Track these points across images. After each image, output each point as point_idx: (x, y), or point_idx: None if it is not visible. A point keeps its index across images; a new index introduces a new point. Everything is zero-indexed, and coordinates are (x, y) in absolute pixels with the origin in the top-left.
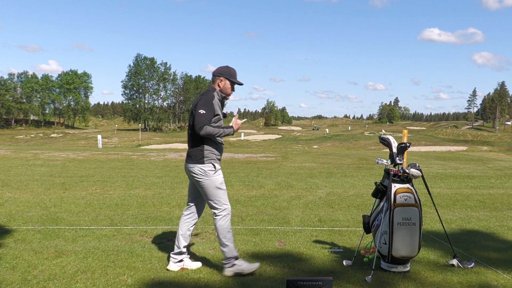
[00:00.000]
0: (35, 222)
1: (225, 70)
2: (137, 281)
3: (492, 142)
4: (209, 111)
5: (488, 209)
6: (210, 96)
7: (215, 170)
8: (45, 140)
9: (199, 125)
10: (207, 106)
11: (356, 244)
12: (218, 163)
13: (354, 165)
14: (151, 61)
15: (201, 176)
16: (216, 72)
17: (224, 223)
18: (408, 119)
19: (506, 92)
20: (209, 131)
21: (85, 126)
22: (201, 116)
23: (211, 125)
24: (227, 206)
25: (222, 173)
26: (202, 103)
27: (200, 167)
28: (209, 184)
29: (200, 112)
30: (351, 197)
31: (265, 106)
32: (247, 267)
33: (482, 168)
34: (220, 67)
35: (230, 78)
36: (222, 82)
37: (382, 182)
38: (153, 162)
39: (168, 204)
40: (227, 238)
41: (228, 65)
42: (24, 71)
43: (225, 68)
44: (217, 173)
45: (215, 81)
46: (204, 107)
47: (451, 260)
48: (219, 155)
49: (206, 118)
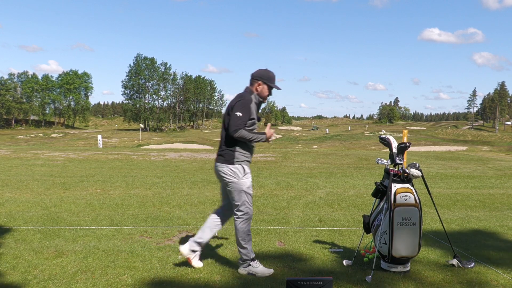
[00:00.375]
0: (35, 222)
1: (264, 74)
2: (137, 281)
3: (492, 142)
4: (246, 114)
5: (488, 209)
6: (248, 100)
7: (244, 172)
8: (45, 140)
9: (234, 127)
10: (244, 109)
11: (356, 244)
12: (248, 166)
13: (354, 165)
14: (151, 61)
15: (230, 177)
16: (255, 75)
17: (245, 226)
18: (408, 119)
19: (506, 92)
20: (243, 134)
21: (85, 126)
22: (238, 118)
23: (246, 129)
24: (250, 210)
25: (251, 177)
26: (240, 105)
27: (230, 168)
28: (237, 186)
29: (236, 114)
30: (351, 197)
31: (265, 106)
32: (261, 270)
33: (482, 168)
34: (260, 70)
35: (269, 82)
36: (260, 86)
37: (382, 182)
38: (153, 162)
39: (168, 204)
40: (245, 240)
41: (267, 69)
42: (24, 71)
43: (264, 71)
44: (246, 176)
45: (253, 84)
46: (242, 110)
47: (451, 260)
48: (250, 158)
49: (242, 121)
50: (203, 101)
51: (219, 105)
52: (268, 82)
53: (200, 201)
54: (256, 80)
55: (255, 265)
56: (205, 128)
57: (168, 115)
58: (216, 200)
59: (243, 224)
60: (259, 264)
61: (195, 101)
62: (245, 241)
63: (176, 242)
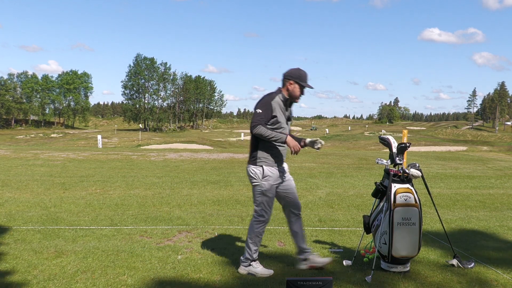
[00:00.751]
0: (35, 222)
1: (295, 73)
2: (137, 281)
3: (492, 142)
4: (266, 110)
5: (488, 209)
6: (270, 97)
7: (262, 174)
8: (45, 140)
9: (252, 123)
10: (264, 106)
11: (356, 244)
12: (271, 168)
13: (354, 165)
14: (151, 61)
15: (251, 178)
16: (286, 74)
17: (257, 228)
18: (408, 119)
19: (506, 92)
20: (261, 131)
21: (85, 126)
22: (257, 115)
23: (264, 126)
24: (266, 214)
25: (274, 180)
26: (261, 102)
27: (252, 168)
28: (256, 188)
29: (256, 111)
30: (351, 197)
31: None
32: (261, 271)
33: (482, 168)
34: (291, 69)
35: (300, 81)
36: (291, 86)
37: (382, 182)
38: (153, 162)
39: (168, 204)
40: (253, 241)
41: (299, 68)
42: (24, 71)
43: (295, 70)
44: (266, 179)
45: (284, 84)
46: (261, 107)
47: (451, 260)
48: (276, 160)
49: (261, 118)
50: (203, 101)
51: (219, 105)
52: (300, 81)
53: (200, 201)
54: (287, 80)
55: (255, 266)
56: (205, 128)
57: (168, 115)
58: (216, 200)
59: (257, 225)
60: (259, 264)
61: (195, 101)
62: (253, 241)
63: (175, 242)
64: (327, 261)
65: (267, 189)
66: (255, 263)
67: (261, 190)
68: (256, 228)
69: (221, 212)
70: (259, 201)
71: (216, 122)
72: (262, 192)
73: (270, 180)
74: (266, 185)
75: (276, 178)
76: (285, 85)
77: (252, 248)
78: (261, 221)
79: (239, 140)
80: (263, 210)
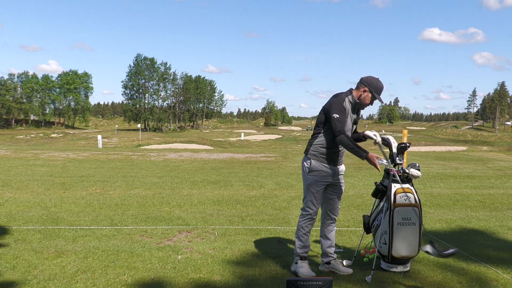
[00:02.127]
0: (35, 222)
1: (373, 82)
2: (137, 281)
3: (492, 142)
4: (343, 114)
5: (488, 209)
6: (340, 98)
7: (309, 167)
8: (45, 140)
9: (336, 132)
10: (339, 110)
11: (356, 244)
12: (321, 163)
13: (354, 165)
14: (151, 61)
15: (302, 169)
16: (364, 80)
17: (303, 224)
18: (408, 119)
19: (506, 92)
20: (343, 141)
21: (85, 126)
22: (337, 121)
23: (347, 137)
24: (312, 210)
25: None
26: (335, 106)
27: (304, 160)
28: (304, 180)
29: (334, 116)
30: (351, 197)
31: (265, 106)
32: (303, 271)
33: (482, 168)
34: (371, 77)
35: (375, 92)
36: (365, 93)
37: (382, 182)
38: (153, 162)
39: (168, 204)
40: (298, 236)
41: (379, 79)
42: (24, 71)
43: (375, 80)
44: (313, 173)
45: (359, 88)
46: (337, 111)
47: (424, 246)
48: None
49: (342, 124)
50: (203, 101)
51: (219, 105)
52: (374, 92)
53: (200, 201)
54: (364, 86)
55: (300, 264)
56: (205, 128)
57: (168, 115)
58: (216, 200)
59: (303, 221)
60: (305, 264)
61: (195, 101)
62: (298, 237)
63: (176, 242)
64: (349, 272)
65: (312, 183)
66: (300, 261)
67: (307, 182)
68: (303, 224)
69: (221, 212)
70: (306, 195)
71: (216, 122)
72: (307, 185)
73: (317, 175)
74: (311, 179)
75: (324, 176)
76: (359, 89)
77: (297, 243)
78: (305, 215)
79: (239, 140)
80: (308, 205)
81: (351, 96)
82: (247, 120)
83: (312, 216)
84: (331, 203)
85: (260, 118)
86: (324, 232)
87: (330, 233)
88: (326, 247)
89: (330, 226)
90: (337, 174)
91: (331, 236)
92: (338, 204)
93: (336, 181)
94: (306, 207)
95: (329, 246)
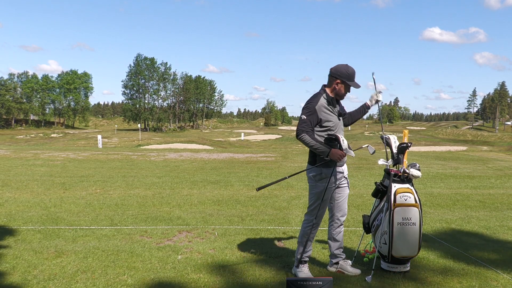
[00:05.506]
0: (35, 222)
1: (343, 71)
2: (137, 281)
3: (492, 142)
4: (311, 116)
5: (488, 209)
6: (313, 102)
7: (321, 176)
8: (45, 140)
9: (297, 130)
10: (309, 111)
11: (356, 244)
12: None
13: (354, 165)
14: (151, 61)
15: (309, 179)
16: (333, 72)
17: (307, 230)
18: (408, 119)
19: (506, 92)
20: (305, 139)
21: (85, 126)
22: (302, 121)
23: (308, 135)
24: (317, 219)
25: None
26: (306, 107)
27: (310, 169)
28: (311, 188)
29: (302, 117)
30: (351, 197)
31: (265, 106)
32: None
33: (482, 168)
34: (338, 66)
35: (348, 81)
36: (338, 86)
37: (382, 182)
38: (153, 162)
39: (168, 204)
40: (301, 242)
41: (347, 65)
42: (24, 71)
43: (343, 68)
44: (323, 181)
45: (331, 83)
46: (307, 113)
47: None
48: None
49: (306, 125)
50: (203, 101)
51: (219, 105)
52: (347, 81)
53: (200, 201)
54: (335, 78)
55: (300, 268)
56: (205, 128)
57: (168, 115)
58: (216, 200)
59: (306, 227)
60: (304, 268)
61: (195, 101)
62: (301, 242)
63: (176, 242)
64: (356, 273)
65: (320, 190)
66: (302, 265)
67: (316, 190)
68: (306, 230)
69: (221, 212)
70: (313, 203)
71: (216, 122)
72: (316, 194)
73: (326, 182)
74: (321, 186)
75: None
76: (331, 84)
77: (299, 249)
78: (310, 222)
79: (239, 140)
80: (315, 213)
81: (325, 94)
82: (247, 120)
83: (316, 224)
84: (338, 205)
85: (260, 118)
86: (333, 235)
87: (339, 235)
88: (335, 249)
89: (338, 228)
90: (342, 175)
91: (339, 237)
92: (344, 206)
93: (342, 183)
94: (313, 218)
95: (337, 248)
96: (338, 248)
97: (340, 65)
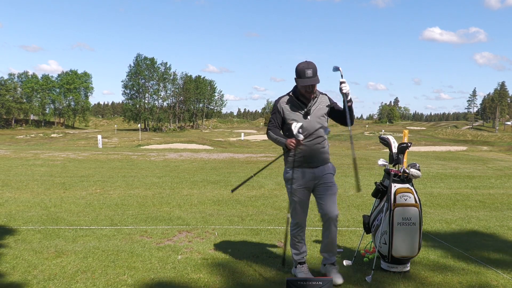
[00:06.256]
0: (35, 222)
1: (296, 70)
2: (137, 281)
3: (492, 142)
4: (274, 114)
5: (488, 209)
6: (277, 100)
7: (285, 177)
8: (45, 140)
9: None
10: (272, 110)
11: (356, 244)
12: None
13: (353, 165)
14: (151, 61)
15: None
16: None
17: (294, 232)
18: (408, 119)
19: (506, 92)
20: (269, 137)
21: (85, 126)
22: (269, 120)
23: (272, 132)
24: (294, 219)
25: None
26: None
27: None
28: (287, 190)
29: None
30: (351, 197)
31: (265, 106)
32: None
33: (482, 168)
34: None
35: (298, 77)
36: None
37: (382, 182)
38: (153, 162)
39: (168, 204)
40: (292, 245)
41: (300, 61)
42: (24, 71)
43: (297, 67)
44: (289, 182)
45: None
46: (271, 112)
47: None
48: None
49: (271, 123)
50: (203, 101)
51: (219, 105)
52: (298, 78)
53: (200, 201)
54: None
55: (299, 269)
56: (205, 128)
57: (168, 115)
58: (216, 200)
59: (292, 229)
60: (304, 269)
61: (195, 101)
62: (292, 244)
63: (176, 242)
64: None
65: (291, 191)
66: (299, 266)
67: (288, 191)
68: (291, 230)
69: (221, 212)
70: (289, 203)
71: (216, 122)
72: (289, 195)
73: (294, 183)
74: (289, 188)
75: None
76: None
77: (292, 251)
78: (292, 224)
79: (239, 140)
80: (292, 212)
81: (292, 92)
82: (247, 120)
83: (300, 225)
84: (320, 205)
85: (260, 118)
86: (322, 235)
87: (325, 235)
88: (322, 251)
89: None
90: (319, 176)
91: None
92: (328, 205)
93: (321, 182)
94: (292, 217)
95: (325, 250)
96: (327, 251)
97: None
